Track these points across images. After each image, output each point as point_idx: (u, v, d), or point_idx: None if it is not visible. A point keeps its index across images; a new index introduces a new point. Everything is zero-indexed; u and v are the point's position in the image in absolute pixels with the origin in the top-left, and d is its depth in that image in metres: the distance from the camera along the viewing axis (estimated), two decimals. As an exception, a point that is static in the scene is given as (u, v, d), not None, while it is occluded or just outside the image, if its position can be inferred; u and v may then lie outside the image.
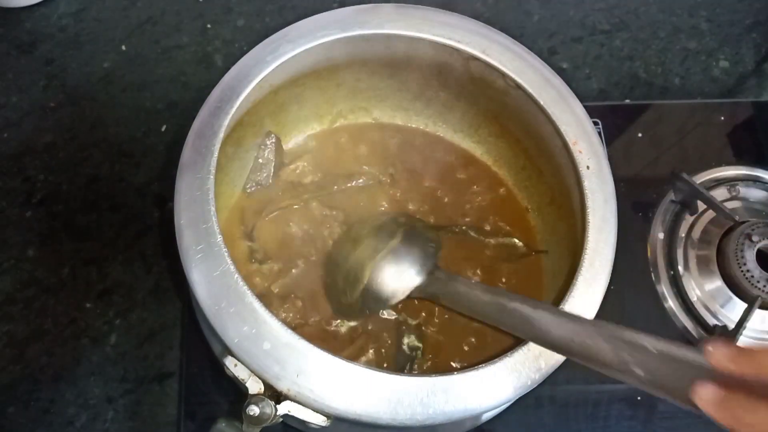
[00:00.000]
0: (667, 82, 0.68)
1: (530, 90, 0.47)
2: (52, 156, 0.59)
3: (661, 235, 0.59)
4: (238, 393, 0.51)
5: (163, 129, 0.61)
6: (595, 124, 0.47)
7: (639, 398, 0.53)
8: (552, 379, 0.52)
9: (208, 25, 0.66)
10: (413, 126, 0.57)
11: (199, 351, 0.52)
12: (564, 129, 0.46)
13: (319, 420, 0.38)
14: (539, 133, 0.48)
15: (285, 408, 0.37)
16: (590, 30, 0.70)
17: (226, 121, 0.43)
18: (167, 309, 0.55)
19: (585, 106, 0.47)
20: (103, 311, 0.54)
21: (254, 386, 0.38)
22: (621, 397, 0.53)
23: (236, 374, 0.38)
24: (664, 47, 0.70)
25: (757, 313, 0.53)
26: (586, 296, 0.41)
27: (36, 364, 0.52)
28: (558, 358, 0.40)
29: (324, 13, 0.47)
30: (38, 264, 0.55)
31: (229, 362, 0.38)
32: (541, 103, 0.46)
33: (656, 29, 0.70)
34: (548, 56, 0.48)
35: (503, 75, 0.47)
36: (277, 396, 0.38)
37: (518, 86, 0.47)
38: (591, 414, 0.53)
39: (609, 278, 0.42)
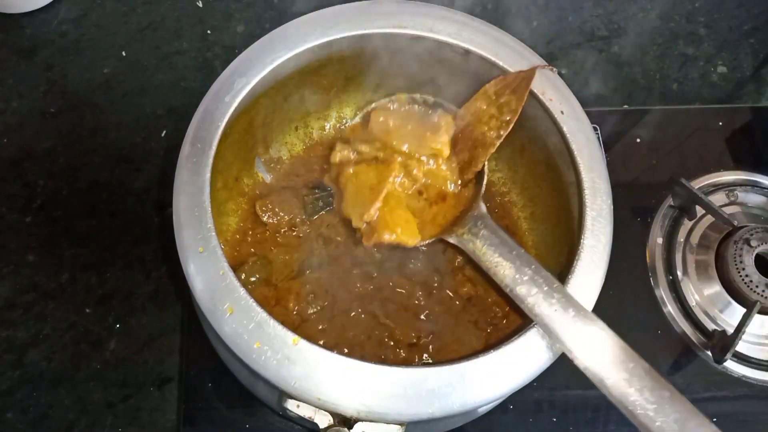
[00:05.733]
0: (666, 87, 0.68)
1: (485, 53, 0.48)
2: (52, 161, 0.59)
3: (659, 240, 0.59)
4: (237, 398, 0.51)
5: (163, 134, 0.61)
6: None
7: (638, 403, 0.53)
8: (551, 383, 0.52)
9: (208, 31, 0.66)
10: None
11: (198, 356, 0.52)
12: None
13: (394, 430, 0.38)
14: None
15: (359, 429, 0.38)
16: (589, 36, 0.70)
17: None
18: (167, 314, 0.55)
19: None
20: (103, 316, 0.54)
21: (323, 420, 0.38)
22: (620, 402, 0.53)
23: (301, 414, 0.38)
24: (663, 53, 0.70)
25: (756, 318, 0.53)
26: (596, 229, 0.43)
27: (35, 370, 0.52)
28: None
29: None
30: (38, 269, 0.56)
31: (291, 405, 0.38)
32: (500, 63, 0.48)
33: (654, 35, 0.71)
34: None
35: (451, 46, 0.48)
36: (346, 421, 0.38)
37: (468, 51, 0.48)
38: (590, 419, 0.52)
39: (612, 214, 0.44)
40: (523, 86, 0.48)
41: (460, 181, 0.51)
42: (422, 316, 0.49)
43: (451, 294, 0.50)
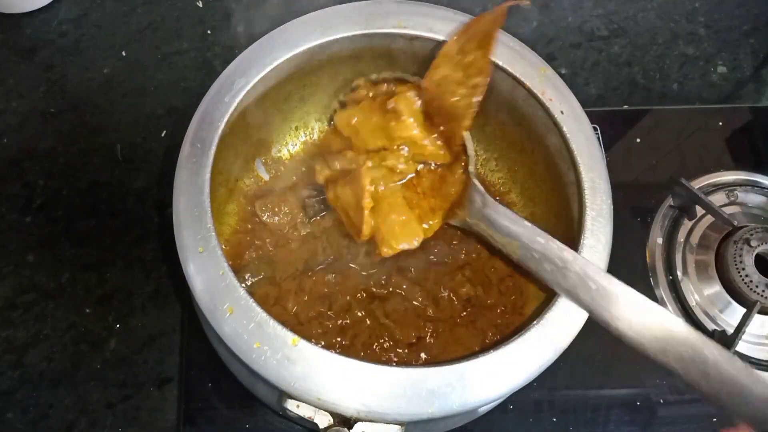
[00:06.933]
0: (666, 87, 0.68)
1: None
2: (52, 161, 0.59)
3: (659, 240, 0.59)
4: (237, 398, 0.51)
5: (163, 134, 0.61)
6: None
7: (638, 403, 0.53)
8: (551, 383, 0.52)
9: (209, 31, 0.66)
10: None
11: (198, 356, 0.52)
12: (528, 81, 0.47)
13: (393, 430, 0.38)
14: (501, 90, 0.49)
15: (359, 429, 0.38)
16: (588, 36, 0.70)
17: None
18: (167, 314, 0.55)
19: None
20: (103, 316, 0.54)
21: (323, 420, 0.38)
22: (620, 402, 0.53)
23: (301, 414, 0.38)
24: (663, 53, 0.70)
25: (756, 318, 0.53)
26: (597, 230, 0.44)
27: (35, 370, 0.52)
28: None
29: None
30: (38, 269, 0.56)
31: (291, 405, 0.38)
32: (500, 62, 0.47)
33: (654, 35, 0.71)
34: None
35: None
36: (346, 421, 0.38)
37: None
38: (590, 419, 0.52)
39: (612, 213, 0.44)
40: (489, 36, 0.43)
41: (449, 154, 0.48)
42: (422, 317, 0.50)
43: (450, 294, 0.50)
